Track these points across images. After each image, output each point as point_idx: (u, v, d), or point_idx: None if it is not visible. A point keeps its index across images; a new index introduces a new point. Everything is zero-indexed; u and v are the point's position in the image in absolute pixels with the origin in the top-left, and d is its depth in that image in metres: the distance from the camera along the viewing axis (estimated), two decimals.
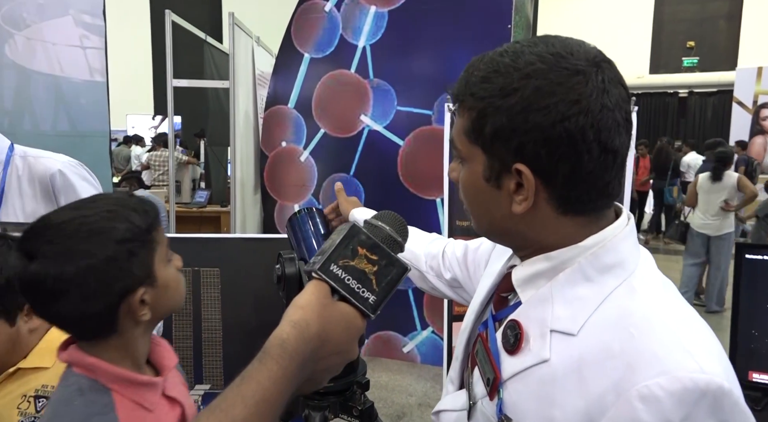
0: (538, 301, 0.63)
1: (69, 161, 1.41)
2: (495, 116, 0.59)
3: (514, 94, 0.58)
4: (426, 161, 3.44)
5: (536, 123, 0.57)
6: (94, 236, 0.73)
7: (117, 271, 0.73)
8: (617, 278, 0.60)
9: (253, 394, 0.51)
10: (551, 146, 0.57)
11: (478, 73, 0.62)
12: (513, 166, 0.60)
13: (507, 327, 0.65)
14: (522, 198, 0.61)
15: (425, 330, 3.64)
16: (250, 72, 3.99)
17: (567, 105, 0.57)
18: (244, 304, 1.85)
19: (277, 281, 1.06)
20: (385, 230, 0.63)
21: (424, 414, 3.04)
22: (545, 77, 0.58)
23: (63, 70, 3.17)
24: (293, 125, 3.81)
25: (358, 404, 1.17)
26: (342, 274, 0.58)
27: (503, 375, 0.63)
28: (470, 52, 3.56)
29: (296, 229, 1.16)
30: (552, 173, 0.59)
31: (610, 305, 0.59)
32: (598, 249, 0.61)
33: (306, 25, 3.68)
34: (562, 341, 0.59)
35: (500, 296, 0.71)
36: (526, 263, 0.66)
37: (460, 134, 0.65)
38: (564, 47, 0.59)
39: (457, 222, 2.52)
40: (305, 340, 0.55)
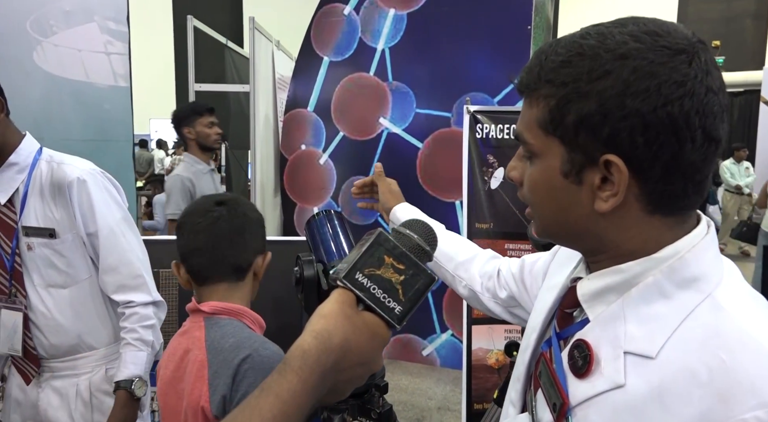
0: (608, 319, 0.57)
1: (91, 169, 1.41)
2: (581, 102, 0.54)
3: (605, 77, 0.52)
4: (445, 163, 3.42)
5: (634, 108, 0.51)
6: (240, 217, 1.15)
7: (250, 243, 1.15)
8: (700, 293, 0.54)
9: (270, 408, 0.49)
10: (651, 134, 0.52)
11: (555, 57, 0.56)
12: (601, 157, 0.54)
13: (574, 347, 0.59)
14: (610, 194, 0.55)
15: (445, 333, 3.62)
16: (270, 76, 4.02)
17: (670, 87, 0.51)
18: (264, 306, 1.86)
19: (296, 283, 1.06)
20: (414, 238, 0.61)
21: (444, 417, 3.03)
22: (644, 57, 0.52)
23: (88, 76, 3.23)
24: (312, 128, 3.83)
25: (376, 407, 1.16)
26: (368, 283, 0.57)
27: (571, 400, 0.58)
28: (489, 53, 3.55)
29: (314, 231, 1.16)
30: (648, 164, 0.53)
31: (692, 324, 0.53)
32: (676, 261, 0.55)
33: (325, 29, 3.70)
34: (639, 364, 0.54)
35: (564, 312, 0.65)
36: (594, 277, 0.60)
37: (532, 125, 0.59)
38: (658, 26, 0.54)
39: (477, 225, 2.51)
40: (327, 351, 0.52)
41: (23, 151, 1.37)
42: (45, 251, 1.36)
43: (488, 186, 2.50)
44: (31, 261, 1.36)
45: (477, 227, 2.51)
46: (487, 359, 2.49)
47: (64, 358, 1.41)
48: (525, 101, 0.60)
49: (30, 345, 1.39)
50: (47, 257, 1.36)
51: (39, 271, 1.37)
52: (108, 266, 1.38)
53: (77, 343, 1.40)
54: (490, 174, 2.50)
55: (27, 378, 1.41)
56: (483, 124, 2.52)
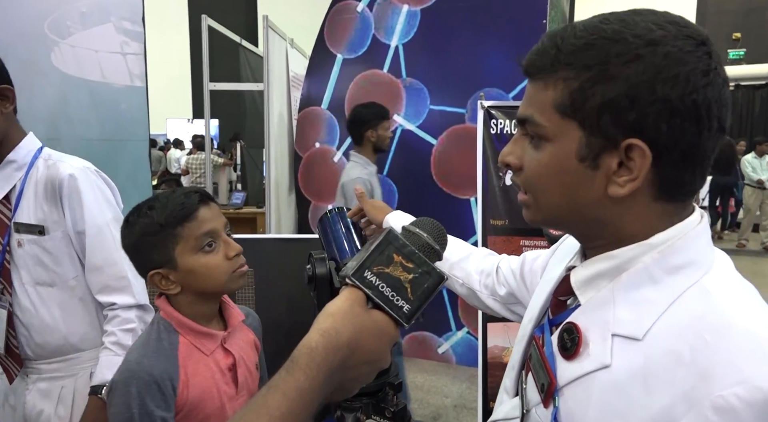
0: (598, 303, 0.59)
1: (85, 166, 1.39)
2: (607, 85, 0.53)
3: (635, 62, 0.52)
4: (460, 159, 3.40)
5: (664, 94, 0.52)
6: (128, 227, 1.06)
7: (141, 255, 1.06)
8: (688, 278, 0.55)
9: (278, 406, 0.49)
10: (675, 120, 0.52)
11: (575, 40, 0.55)
12: (624, 141, 0.54)
13: (563, 330, 0.61)
14: (627, 178, 0.55)
15: (460, 330, 3.61)
16: (284, 74, 4.03)
17: (697, 76, 0.52)
18: (278, 304, 1.87)
19: (308, 281, 1.05)
20: (423, 237, 0.60)
21: (460, 415, 3.01)
22: (673, 44, 0.52)
23: (104, 77, 3.27)
24: (326, 125, 3.83)
25: (390, 406, 1.15)
26: (376, 281, 0.56)
27: (559, 381, 0.59)
28: (504, 48, 3.52)
29: (327, 229, 1.15)
30: (668, 150, 0.53)
31: (680, 308, 0.54)
32: (666, 248, 0.56)
33: (339, 26, 3.70)
34: (626, 346, 0.55)
35: (558, 299, 0.66)
36: (587, 264, 0.61)
37: (548, 108, 0.58)
38: (677, 18, 0.55)
39: (491, 221, 2.48)
40: (334, 349, 0.52)
41: (22, 149, 1.37)
42: (34, 248, 1.35)
43: (503, 182, 2.48)
44: (21, 258, 1.35)
45: (492, 223, 2.48)
46: (503, 356, 2.47)
47: (51, 360, 1.39)
48: (536, 84, 0.59)
49: (13, 343, 1.37)
50: (36, 254, 1.35)
51: (28, 268, 1.36)
52: (93, 265, 1.36)
53: (63, 344, 1.38)
54: (505, 170, 2.47)
55: (10, 377, 1.40)
56: (497, 119, 2.49)
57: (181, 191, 1.08)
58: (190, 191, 1.09)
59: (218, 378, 1.09)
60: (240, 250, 1.09)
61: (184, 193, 1.07)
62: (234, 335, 1.15)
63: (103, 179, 1.43)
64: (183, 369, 1.04)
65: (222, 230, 1.08)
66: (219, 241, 1.07)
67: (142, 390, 1.00)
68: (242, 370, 1.13)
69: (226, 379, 1.10)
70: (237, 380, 1.11)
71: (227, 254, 1.07)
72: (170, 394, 1.02)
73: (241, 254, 1.09)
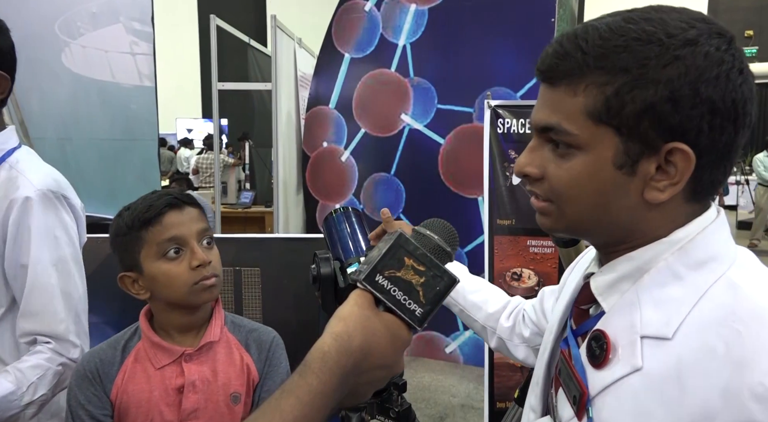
0: (623, 307, 0.57)
1: (48, 189, 1.14)
2: (648, 89, 0.51)
3: (674, 63, 0.51)
4: (467, 159, 3.39)
5: (708, 95, 0.51)
6: (111, 225, 1.04)
7: (116, 255, 1.03)
8: (713, 273, 0.54)
9: (291, 410, 0.49)
10: (716, 121, 0.51)
11: (603, 42, 0.53)
12: (666, 146, 0.52)
13: (591, 339, 0.59)
14: (667, 183, 0.53)
15: (468, 330, 3.60)
16: (292, 74, 4.04)
17: (735, 74, 0.52)
18: (285, 304, 1.87)
19: (313, 281, 1.06)
20: (434, 239, 0.60)
21: (467, 415, 3.01)
22: (710, 43, 0.51)
23: (114, 77, 3.29)
24: (334, 125, 3.83)
25: (395, 406, 1.15)
26: (388, 285, 0.56)
27: (591, 390, 0.57)
28: (512, 47, 3.50)
29: (332, 229, 1.15)
30: (709, 151, 0.52)
31: (708, 304, 0.53)
32: (687, 244, 0.55)
33: (346, 26, 3.70)
34: (656, 346, 0.53)
35: (580, 309, 0.64)
36: (606, 269, 0.60)
37: (578, 115, 0.55)
38: (699, 13, 0.54)
39: (498, 221, 2.48)
40: (347, 353, 0.52)
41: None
42: None
43: (510, 182, 2.47)
44: None
45: (499, 223, 2.48)
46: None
47: None
48: (559, 89, 0.56)
49: None
50: None
51: None
52: (28, 310, 1.11)
53: None
54: (512, 169, 2.47)
55: None
56: (504, 119, 2.48)
57: (158, 194, 1.03)
58: (164, 193, 1.03)
59: (157, 395, 1.00)
60: (205, 261, 0.99)
61: (159, 195, 1.02)
62: (206, 355, 1.03)
63: (68, 207, 1.19)
64: (123, 371, 1.01)
65: (191, 238, 0.99)
66: (186, 249, 0.99)
67: (74, 381, 1.01)
68: (195, 397, 1.00)
69: (169, 401, 1.00)
70: (182, 405, 1.00)
71: (191, 263, 0.98)
72: (99, 387, 1.00)
73: (208, 266, 0.99)
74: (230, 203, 5.60)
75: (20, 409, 1.04)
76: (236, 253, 1.85)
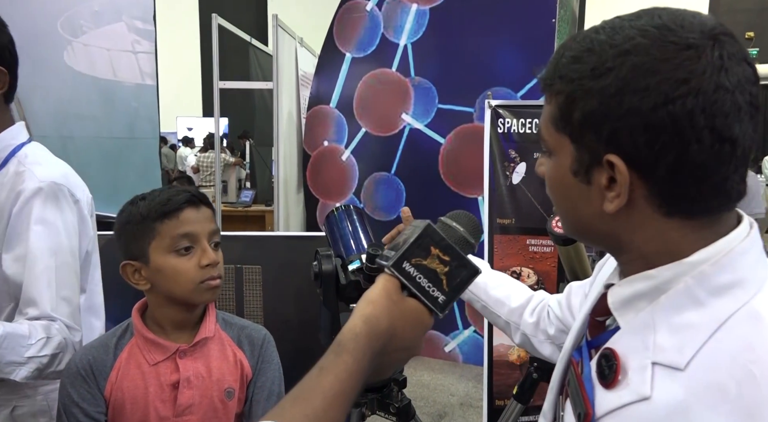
0: (637, 327, 0.55)
1: (54, 181, 1.15)
2: (585, 99, 0.52)
3: (607, 75, 0.51)
4: (468, 158, 3.40)
5: (633, 107, 0.50)
6: (120, 212, 1.04)
7: (121, 242, 1.03)
8: (736, 301, 0.51)
9: (331, 386, 0.52)
10: (651, 134, 0.50)
11: (569, 53, 0.55)
12: (604, 157, 0.52)
13: (602, 356, 0.57)
14: (614, 195, 0.53)
15: (467, 329, 3.61)
16: (294, 73, 4.05)
17: (672, 85, 0.49)
18: (286, 301, 1.89)
19: (314, 277, 1.07)
20: (459, 231, 0.63)
21: (466, 413, 3.02)
22: (646, 53, 0.50)
23: (116, 75, 3.30)
24: (335, 124, 3.84)
25: (395, 401, 1.17)
26: (414, 272, 0.59)
27: (597, 411, 0.56)
28: (513, 48, 3.51)
29: (333, 226, 1.17)
30: (652, 164, 0.51)
31: (726, 334, 0.50)
32: (710, 267, 0.52)
33: (348, 25, 3.71)
34: (667, 376, 0.51)
35: (596, 320, 0.63)
36: (624, 283, 0.58)
37: (547, 122, 0.58)
38: (673, 19, 0.51)
39: (498, 220, 2.49)
40: (377, 335, 0.56)
41: (1, 141, 1.17)
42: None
43: (510, 181, 2.48)
44: None
45: (499, 222, 2.49)
46: (508, 355, 2.48)
47: None
48: (546, 97, 0.60)
49: None
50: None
51: None
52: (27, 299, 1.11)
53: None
54: (512, 169, 2.48)
55: None
56: (504, 119, 2.49)
57: (174, 189, 1.04)
58: (183, 190, 1.04)
59: (153, 391, 1.01)
60: (215, 261, 1.01)
61: (176, 190, 1.03)
62: (200, 351, 1.04)
63: (71, 202, 1.18)
64: (117, 368, 1.01)
65: (204, 237, 1.01)
66: (197, 247, 1.00)
67: (67, 380, 1.01)
68: (190, 393, 1.02)
69: (164, 396, 1.01)
70: (177, 401, 1.01)
71: (200, 262, 1.00)
72: (93, 384, 1.00)
73: (216, 266, 1.01)
74: (231, 201, 5.61)
75: (22, 360, 1.03)
76: (238, 251, 1.86)
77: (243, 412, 1.10)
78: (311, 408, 0.51)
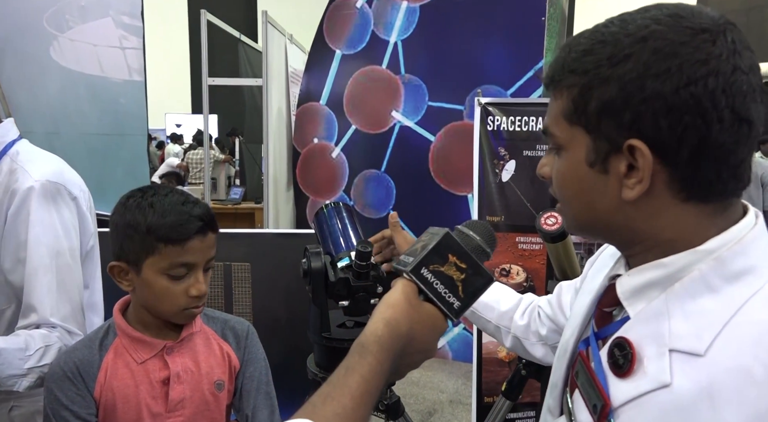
0: (650, 315, 0.55)
1: (49, 180, 1.13)
2: (602, 87, 0.53)
3: (625, 61, 0.52)
4: (457, 156, 3.41)
5: (656, 90, 0.50)
6: (123, 204, 1.00)
7: (117, 238, 0.99)
8: (750, 287, 0.52)
9: (358, 386, 0.54)
10: (675, 116, 0.50)
11: (578, 47, 0.56)
12: (625, 143, 0.53)
13: (614, 346, 0.57)
14: (635, 181, 0.53)
15: (456, 326, 3.62)
16: (283, 70, 4.03)
17: (693, 66, 0.50)
18: (275, 298, 1.88)
19: (304, 275, 1.07)
20: (476, 240, 0.65)
21: (456, 410, 3.03)
22: (664, 38, 0.51)
23: (103, 71, 3.27)
24: (325, 121, 3.83)
25: (384, 398, 1.17)
26: (431, 278, 0.61)
27: (613, 401, 0.55)
28: (503, 45, 3.53)
29: (322, 224, 1.16)
30: (675, 148, 0.51)
31: (743, 319, 0.50)
32: (724, 253, 0.53)
33: (338, 22, 3.70)
34: (686, 362, 0.51)
35: (603, 311, 0.63)
36: (634, 272, 0.58)
37: (558, 118, 0.58)
38: (681, 9, 0.53)
39: (487, 217, 2.49)
40: (397, 338, 0.58)
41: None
42: None
43: (499, 179, 2.49)
44: None
45: (488, 220, 2.49)
46: (497, 352, 2.49)
47: None
48: (551, 95, 0.60)
49: None
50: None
51: None
52: (27, 305, 1.11)
53: None
54: (501, 167, 2.48)
55: None
56: (494, 116, 2.50)
57: (188, 210, 0.98)
58: (197, 216, 0.98)
59: (144, 389, 1.01)
60: (203, 293, 1.00)
61: (189, 215, 0.97)
62: (187, 346, 1.05)
63: (68, 199, 1.17)
64: (104, 369, 1.01)
65: (201, 266, 1.00)
66: (191, 274, 0.99)
67: (54, 383, 0.99)
68: (181, 388, 1.02)
69: (155, 393, 1.01)
70: (168, 396, 1.02)
71: (189, 291, 0.98)
72: (82, 385, 0.99)
73: (203, 298, 1.01)
74: (220, 199, 5.59)
75: (22, 371, 1.03)
76: (227, 248, 1.85)
77: (233, 403, 1.11)
78: (341, 406, 0.53)
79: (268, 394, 1.11)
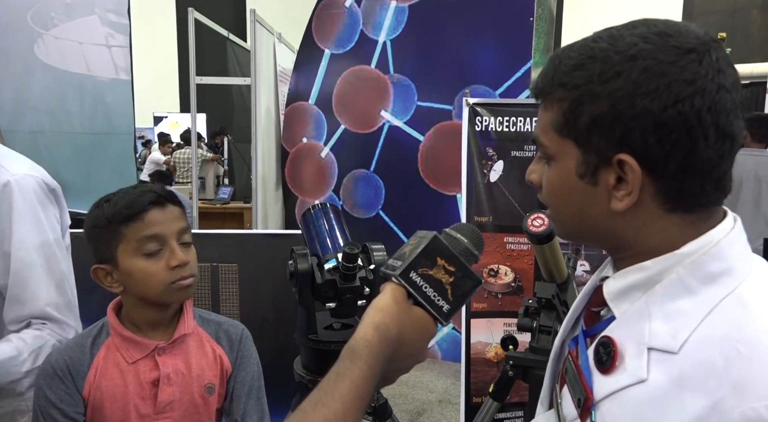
0: (633, 316, 0.58)
1: (29, 175, 1.14)
2: (593, 103, 0.55)
3: (616, 78, 0.54)
4: (446, 156, 3.41)
5: (645, 108, 0.52)
6: (87, 214, 1.01)
7: (91, 245, 1.00)
8: (725, 287, 0.54)
9: (349, 391, 0.55)
10: (662, 133, 0.53)
11: (568, 61, 0.57)
12: (614, 157, 0.55)
13: (599, 344, 0.60)
14: (624, 193, 0.56)
15: (446, 326, 3.63)
16: (272, 69, 4.01)
17: (680, 86, 0.52)
18: (263, 300, 1.87)
19: (290, 276, 1.06)
20: (464, 243, 0.65)
21: (445, 410, 3.03)
22: (653, 57, 0.53)
23: (89, 69, 3.23)
24: (314, 121, 3.82)
25: (371, 401, 1.17)
26: (420, 281, 0.61)
27: (596, 395, 0.59)
28: (491, 45, 3.54)
29: (310, 225, 1.16)
30: (662, 163, 0.54)
31: (716, 319, 0.53)
32: (700, 256, 0.55)
33: (326, 21, 3.69)
34: (662, 359, 0.54)
35: (591, 311, 0.66)
36: (619, 275, 0.61)
37: (548, 129, 0.60)
38: (668, 27, 0.55)
39: (476, 218, 2.50)
40: (387, 342, 0.58)
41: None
42: None
43: (487, 179, 2.49)
44: None
45: (476, 220, 2.50)
46: (486, 352, 2.50)
47: None
48: (541, 105, 0.62)
49: None
50: None
51: None
52: (15, 297, 1.10)
53: None
54: (490, 167, 2.49)
55: None
56: (482, 117, 2.50)
57: (140, 189, 1.02)
58: (147, 190, 1.01)
59: (132, 390, 1.00)
60: (184, 261, 0.99)
61: (141, 191, 1.00)
62: (179, 348, 1.04)
63: (50, 192, 1.18)
64: (95, 367, 1.01)
65: (171, 237, 0.99)
66: (166, 248, 0.98)
67: (44, 381, 1.00)
68: (170, 390, 1.02)
69: (144, 394, 1.01)
70: (157, 398, 1.01)
71: (169, 263, 0.98)
72: (71, 384, 0.99)
73: (187, 266, 1.00)
74: (208, 198, 5.55)
75: (21, 376, 1.05)
76: (214, 249, 1.84)
77: (223, 408, 1.10)
78: (332, 412, 0.54)
79: (259, 399, 1.11)
